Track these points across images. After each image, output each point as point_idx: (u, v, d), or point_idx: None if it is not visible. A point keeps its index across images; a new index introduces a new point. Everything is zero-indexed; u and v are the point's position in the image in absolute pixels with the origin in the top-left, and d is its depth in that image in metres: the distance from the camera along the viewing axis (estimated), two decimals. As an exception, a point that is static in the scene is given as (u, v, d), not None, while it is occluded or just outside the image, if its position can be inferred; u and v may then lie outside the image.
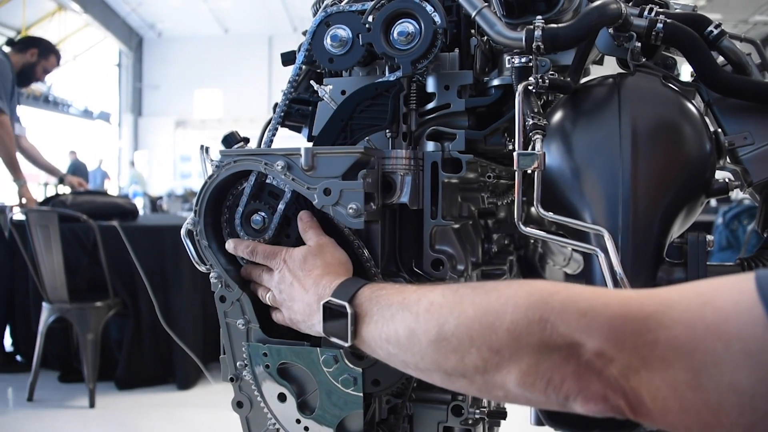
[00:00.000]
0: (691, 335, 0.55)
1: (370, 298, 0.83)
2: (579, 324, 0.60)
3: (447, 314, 0.70)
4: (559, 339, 0.61)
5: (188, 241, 1.11)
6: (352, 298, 0.84)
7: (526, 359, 0.63)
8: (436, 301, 0.73)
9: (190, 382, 3.96)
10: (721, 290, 0.56)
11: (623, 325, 0.58)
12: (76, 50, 17.23)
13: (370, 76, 1.15)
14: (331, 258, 0.97)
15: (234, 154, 1.06)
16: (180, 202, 9.86)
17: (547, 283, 0.66)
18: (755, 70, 1.08)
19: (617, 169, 0.96)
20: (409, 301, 0.76)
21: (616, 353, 0.58)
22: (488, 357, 0.65)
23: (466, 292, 0.71)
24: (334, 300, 0.86)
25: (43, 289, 3.63)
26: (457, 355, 0.68)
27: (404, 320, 0.75)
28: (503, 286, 0.69)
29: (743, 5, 14.95)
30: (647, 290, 0.61)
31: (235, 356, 1.11)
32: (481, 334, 0.66)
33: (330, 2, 1.17)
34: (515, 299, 0.65)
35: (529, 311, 0.63)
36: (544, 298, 0.63)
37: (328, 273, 0.93)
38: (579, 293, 0.62)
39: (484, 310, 0.67)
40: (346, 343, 0.83)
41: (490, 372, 0.66)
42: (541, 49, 0.96)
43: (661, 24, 1.00)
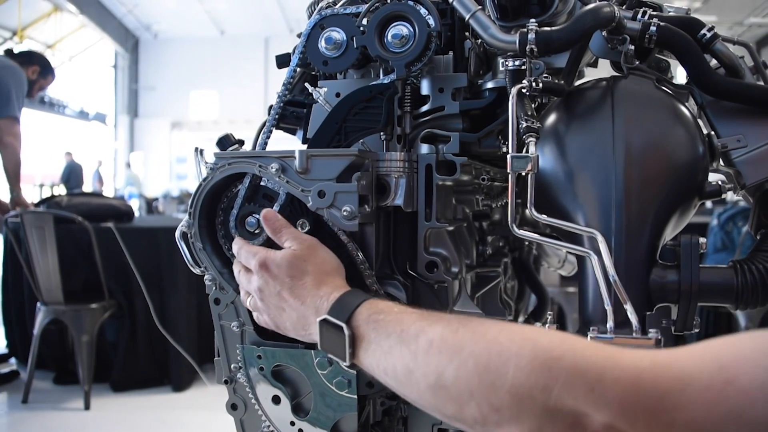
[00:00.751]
0: (711, 419, 0.50)
1: (368, 321, 0.79)
2: (587, 398, 0.56)
3: (446, 362, 0.67)
4: (563, 409, 0.57)
5: (183, 243, 1.11)
6: (350, 318, 0.81)
7: (527, 423, 0.60)
8: (435, 342, 0.69)
9: (185, 383, 3.96)
10: (746, 366, 0.50)
11: (636, 403, 0.54)
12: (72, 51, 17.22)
13: (364, 78, 1.16)
14: (322, 263, 0.93)
15: (228, 157, 1.06)
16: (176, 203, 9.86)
17: (553, 341, 0.61)
18: (748, 73, 1.08)
19: (610, 171, 0.96)
20: (408, 336, 0.73)
21: (628, 429, 0.54)
22: (488, 414, 0.62)
23: (466, 338, 0.67)
24: (331, 319, 0.82)
25: (38, 291, 3.63)
26: (456, 405, 0.66)
27: (402, 357, 0.72)
28: (506, 338, 0.64)
29: (738, 7, 15.01)
30: (663, 357, 0.56)
31: (229, 358, 1.11)
32: (481, 391, 0.63)
33: (324, 5, 1.17)
34: (518, 360, 0.61)
35: (532, 376, 0.59)
36: (548, 363, 0.59)
37: (324, 282, 0.89)
38: (587, 359, 0.58)
39: (485, 366, 0.63)
40: (345, 363, 0.81)
41: (489, 427, 0.63)
42: (534, 52, 0.96)
43: (655, 27, 1.00)
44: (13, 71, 4.00)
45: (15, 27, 14.57)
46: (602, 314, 0.92)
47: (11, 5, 13.84)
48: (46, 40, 16.15)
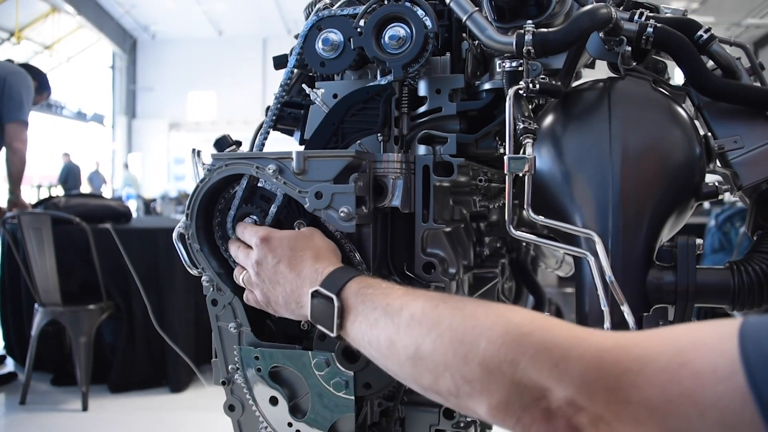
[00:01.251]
0: (665, 399, 0.53)
1: (357, 295, 0.83)
2: (551, 373, 0.59)
3: (424, 334, 0.70)
4: (529, 383, 0.60)
5: (180, 244, 1.11)
6: (340, 291, 0.84)
7: (496, 395, 0.63)
8: (416, 315, 0.73)
9: (182, 384, 3.95)
10: (702, 350, 0.53)
11: (596, 381, 0.56)
12: (69, 52, 17.21)
13: (361, 79, 1.16)
14: (321, 245, 0.96)
15: (226, 158, 1.06)
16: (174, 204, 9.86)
17: (525, 318, 0.64)
18: (744, 74, 1.09)
19: (607, 172, 0.96)
20: (393, 309, 0.76)
21: (588, 404, 0.57)
22: (460, 385, 0.66)
23: (444, 313, 0.71)
24: (323, 290, 0.85)
25: (36, 292, 3.62)
26: (432, 375, 0.69)
27: (386, 329, 0.76)
28: (482, 313, 0.68)
29: (736, 8, 15.03)
30: (626, 339, 0.58)
31: (226, 359, 1.11)
32: (455, 362, 0.66)
33: (322, 6, 1.17)
34: (490, 333, 0.64)
35: (502, 349, 0.63)
36: (518, 338, 0.62)
37: (322, 259, 0.92)
38: (554, 337, 0.61)
39: (459, 339, 0.67)
40: (332, 334, 0.84)
41: (462, 398, 0.66)
42: (531, 53, 0.96)
43: (651, 28, 1.01)
44: (23, 77, 4.03)
45: (12, 28, 14.56)
46: (599, 315, 0.93)
47: (9, 6, 13.83)
48: (44, 40, 16.15)
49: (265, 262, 0.95)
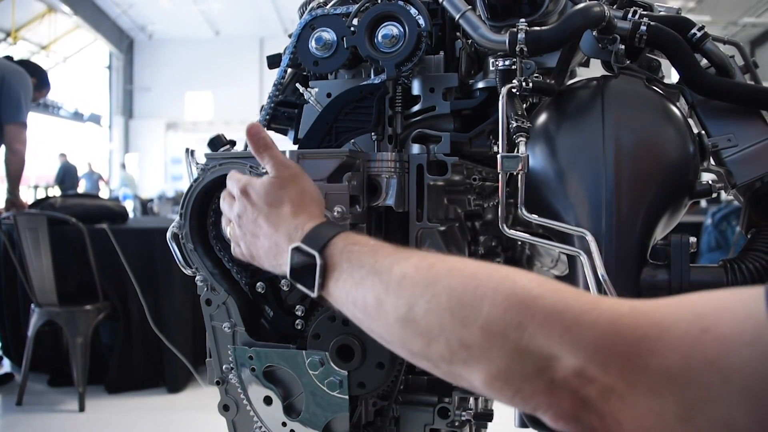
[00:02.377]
0: (687, 367, 0.49)
1: (342, 252, 0.76)
2: (561, 339, 0.54)
3: (418, 295, 0.64)
4: (535, 350, 0.55)
5: (174, 244, 1.11)
6: (324, 248, 0.77)
7: (496, 362, 0.58)
8: (408, 275, 0.67)
9: (180, 385, 3.95)
10: (724, 315, 0.50)
11: (611, 346, 0.53)
12: (66, 52, 17.18)
13: (355, 78, 1.16)
14: (302, 193, 0.88)
15: (219, 158, 1.06)
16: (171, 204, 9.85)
17: (532, 281, 0.59)
18: (738, 73, 1.09)
19: (600, 171, 0.96)
20: (381, 268, 0.70)
21: (600, 374, 0.53)
22: (456, 350, 0.61)
23: (442, 273, 0.65)
24: (304, 247, 0.78)
25: (33, 293, 3.62)
26: (424, 339, 0.63)
27: (374, 288, 0.70)
28: (484, 274, 0.62)
29: (732, 7, 15.05)
30: (642, 305, 0.55)
31: (221, 359, 1.11)
32: (452, 326, 0.61)
33: (315, 5, 1.17)
34: (494, 295, 0.59)
35: (507, 313, 0.57)
36: (526, 301, 0.57)
37: (301, 212, 0.85)
38: (566, 301, 0.56)
39: (458, 300, 0.61)
40: (312, 293, 0.78)
41: (456, 364, 0.62)
42: (524, 51, 0.96)
43: (645, 27, 1.01)
44: (22, 77, 4.03)
45: (9, 28, 14.53)
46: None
47: (5, 6, 13.80)
48: (40, 41, 16.11)
49: (245, 215, 0.89)
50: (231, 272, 1.11)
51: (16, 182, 4.07)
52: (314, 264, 0.77)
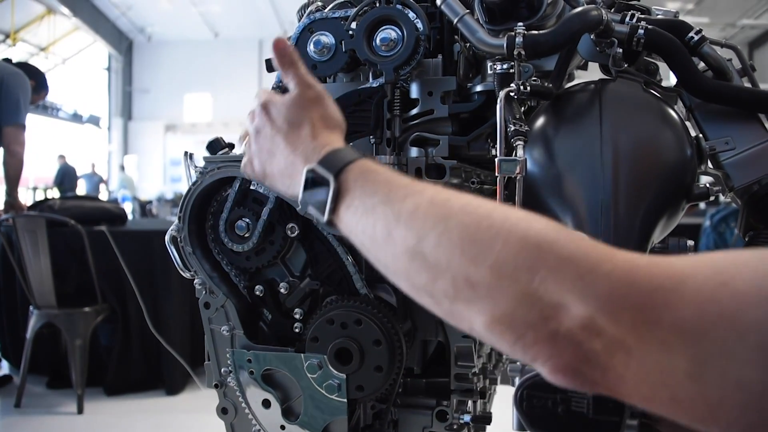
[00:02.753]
0: (701, 320, 0.48)
1: (357, 178, 0.73)
2: (574, 286, 0.52)
3: (429, 228, 0.62)
4: (544, 295, 0.53)
5: (172, 247, 1.11)
6: (339, 172, 0.74)
7: (501, 305, 0.56)
8: (421, 207, 0.64)
9: (178, 387, 3.94)
10: (743, 270, 0.49)
11: (624, 297, 0.51)
12: (65, 54, 17.18)
13: (354, 82, 1.16)
14: (324, 116, 0.84)
15: (218, 161, 1.06)
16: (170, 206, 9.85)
17: (549, 226, 0.57)
18: (736, 76, 1.09)
19: (598, 174, 0.96)
20: (395, 198, 0.67)
21: (608, 326, 0.51)
22: (461, 288, 0.58)
23: (455, 208, 0.62)
24: (320, 169, 0.75)
25: (31, 295, 3.61)
26: (429, 274, 0.61)
27: (385, 217, 0.67)
28: (499, 214, 0.59)
29: (730, 9, 15.08)
30: (660, 259, 0.53)
31: (219, 363, 1.11)
32: (461, 262, 0.58)
33: (314, 8, 1.17)
34: (507, 236, 0.56)
35: (519, 255, 0.55)
36: (540, 245, 0.55)
37: (321, 134, 0.81)
38: (581, 249, 0.54)
39: (470, 238, 0.58)
40: (323, 218, 0.75)
41: (459, 303, 0.59)
42: (522, 55, 0.96)
43: (642, 30, 1.01)
44: (20, 79, 4.03)
45: (8, 30, 14.54)
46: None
47: (4, 7, 13.80)
48: (40, 42, 16.12)
49: (264, 131, 0.85)
50: (229, 275, 1.11)
51: (15, 184, 4.08)
52: (327, 188, 0.73)
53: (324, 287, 1.08)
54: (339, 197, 0.73)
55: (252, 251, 1.08)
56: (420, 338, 1.12)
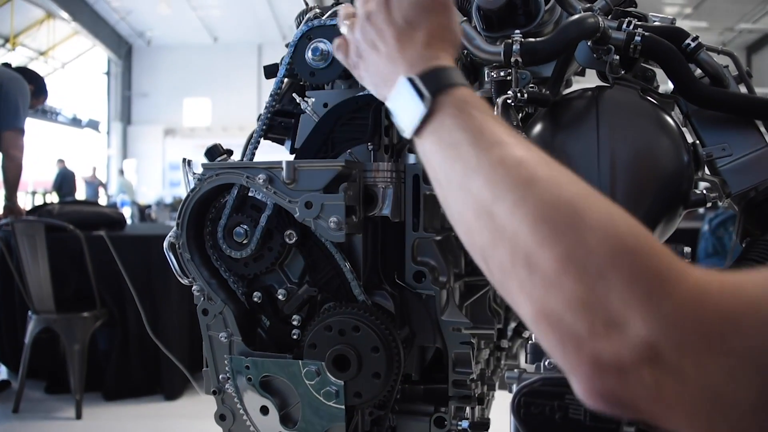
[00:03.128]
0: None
1: (454, 105, 0.67)
2: (641, 304, 0.48)
3: (507, 190, 0.56)
4: (605, 306, 0.49)
5: (171, 254, 1.11)
6: (438, 93, 0.68)
7: (553, 301, 0.51)
8: (507, 162, 0.58)
9: (177, 392, 3.94)
10: None
11: (693, 322, 0.47)
12: (64, 58, 17.21)
13: (352, 89, 1.16)
14: (444, 27, 0.76)
15: (216, 168, 1.06)
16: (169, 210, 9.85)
17: (632, 231, 0.52)
18: (732, 82, 1.09)
19: (595, 181, 0.96)
20: (483, 142, 0.62)
21: (668, 352, 0.47)
22: (519, 266, 0.54)
23: (541, 177, 0.56)
24: (419, 82, 0.69)
25: (30, 300, 3.61)
26: (491, 238, 0.57)
27: (466, 159, 0.62)
28: (583, 202, 0.54)
29: (728, 13, 15.11)
30: (732, 281, 0.50)
31: (217, 369, 1.11)
32: (527, 239, 0.53)
33: (312, 15, 1.18)
34: (585, 231, 0.51)
35: (593, 254, 0.50)
36: (617, 250, 0.50)
37: (434, 46, 0.74)
38: (657, 263, 0.50)
39: (546, 216, 0.53)
40: (405, 133, 0.71)
41: (511, 281, 0.55)
42: (519, 62, 0.97)
43: (639, 37, 1.01)
44: (19, 83, 4.04)
45: (8, 34, 14.56)
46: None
47: (4, 12, 13.83)
48: (39, 47, 16.15)
49: (376, 18, 0.78)
50: (228, 282, 1.12)
51: (14, 189, 4.08)
52: (420, 104, 0.68)
53: (322, 294, 1.08)
54: (428, 118, 0.68)
55: (250, 258, 1.08)
56: (418, 344, 1.12)
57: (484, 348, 1.36)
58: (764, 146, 1.04)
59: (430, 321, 1.09)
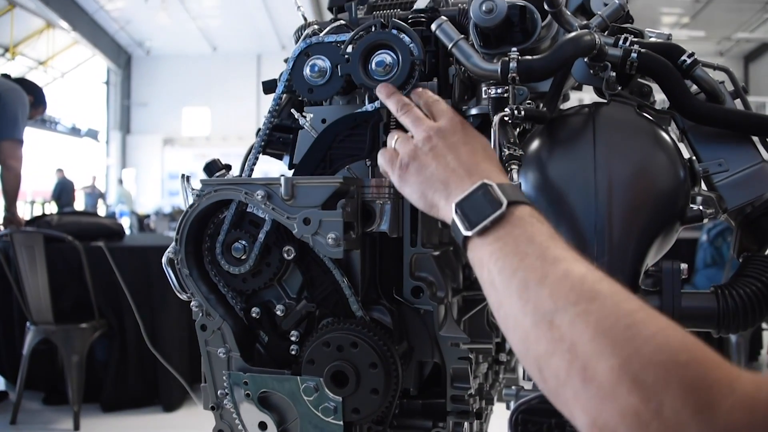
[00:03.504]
0: None
1: (524, 218, 0.72)
2: (692, 419, 0.50)
3: (571, 302, 0.60)
4: (658, 421, 0.50)
5: (169, 269, 1.11)
6: (514, 204, 0.73)
7: (608, 413, 0.53)
8: (571, 277, 0.62)
9: (175, 403, 3.94)
10: None
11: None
12: (64, 68, 17.25)
13: (350, 104, 1.16)
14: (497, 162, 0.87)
15: (215, 183, 1.07)
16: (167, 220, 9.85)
17: (685, 344, 0.54)
18: (728, 98, 1.10)
19: (592, 198, 0.97)
20: (550, 255, 0.66)
21: None
22: (575, 376, 0.56)
23: (604, 292, 0.60)
24: (497, 189, 0.74)
25: (28, 311, 3.61)
26: (549, 347, 0.59)
27: (531, 270, 0.65)
28: (641, 317, 0.56)
29: (726, 23, 15.18)
30: None
31: (216, 384, 1.11)
32: (585, 350, 0.55)
33: (310, 32, 1.18)
34: (642, 346, 0.54)
35: (648, 369, 0.52)
36: (670, 366, 0.52)
37: (502, 173, 0.84)
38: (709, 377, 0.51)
39: (606, 329, 0.56)
40: (468, 232, 0.73)
41: (566, 390, 0.57)
42: (516, 80, 0.97)
43: (635, 54, 1.02)
44: (18, 94, 4.06)
45: (7, 43, 14.59)
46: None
47: (4, 21, 13.87)
48: (39, 56, 16.19)
49: (449, 133, 0.87)
50: (226, 297, 1.12)
51: (13, 199, 4.09)
52: (495, 209, 0.72)
53: (320, 309, 1.08)
54: (497, 224, 0.72)
55: (248, 273, 1.08)
56: (416, 359, 1.12)
57: (483, 362, 1.36)
58: (760, 162, 1.05)
59: (428, 336, 1.09)
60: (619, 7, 1.08)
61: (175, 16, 15.80)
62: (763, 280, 0.98)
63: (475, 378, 1.17)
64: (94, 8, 15.79)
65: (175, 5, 15.32)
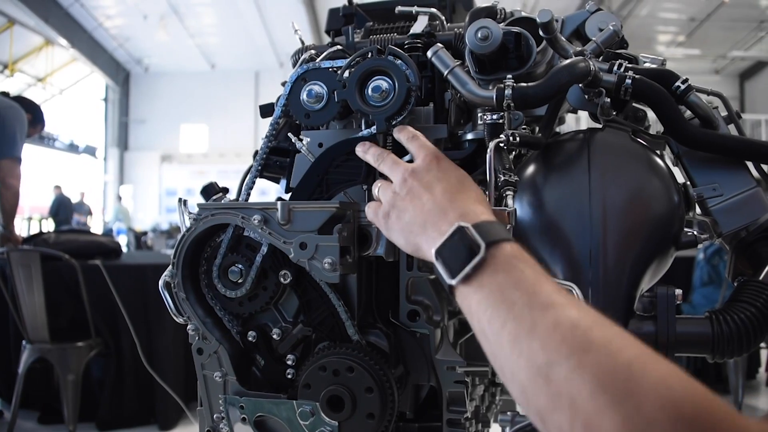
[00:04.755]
0: None
1: (507, 260, 0.69)
2: None
3: (564, 356, 0.58)
4: None
5: (166, 292, 1.11)
6: (493, 245, 0.70)
7: None
8: (562, 327, 0.60)
9: (171, 422, 3.91)
10: None
11: None
12: (62, 84, 17.30)
13: (347, 129, 1.17)
14: (481, 195, 0.85)
15: (212, 207, 1.07)
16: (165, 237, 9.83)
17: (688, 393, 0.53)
18: (722, 123, 1.11)
19: (587, 224, 0.97)
20: (538, 302, 0.63)
21: None
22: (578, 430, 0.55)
23: (597, 342, 0.58)
24: (473, 231, 0.71)
25: (24, 330, 3.60)
26: (549, 402, 0.58)
27: (520, 320, 0.63)
28: (639, 367, 0.55)
29: (721, 41, 15.28)
30: None
31: (212, 408, 1.11)
32: (587, 405, 0.54)
33: (307, 57, 1.19)
34: (644, 398, 0.53)
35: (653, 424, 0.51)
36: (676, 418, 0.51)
37: (485, 206, 0.80)
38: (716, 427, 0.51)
39: (604, 383, 0.54)
40: (450, 281, 0.71)
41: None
42: (511, 107, 0.98)
43: (630, 80, 1.03)
44: (17, 112, 4.08)
45: (6, 60, 14.64)
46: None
47: (2, 38, 13.93)
48: (37, 73, 16.23)
49: (423, 173, 0.85)
50: (222, 321, 1.12)
51: (11, 217, 4.09)
52: (474, 254, 0.70)
53: (316, 333, 1.08)
54: (479, 269, 0.69)
55: (245, 297, 1.08)
56: (412, 383, 1.12)
57: (479, 384, 1.36)
58: (754, 186, 1.06)
59: (424, 359, 1.09)
60: (614, 33, 1.09)
61: (174, 34, 15.87)
62: (757, 306, 0.98)
63: (471, 401, 1.17)
64: (93, 25, 15.86)
65: (174, 23, 15.40)
